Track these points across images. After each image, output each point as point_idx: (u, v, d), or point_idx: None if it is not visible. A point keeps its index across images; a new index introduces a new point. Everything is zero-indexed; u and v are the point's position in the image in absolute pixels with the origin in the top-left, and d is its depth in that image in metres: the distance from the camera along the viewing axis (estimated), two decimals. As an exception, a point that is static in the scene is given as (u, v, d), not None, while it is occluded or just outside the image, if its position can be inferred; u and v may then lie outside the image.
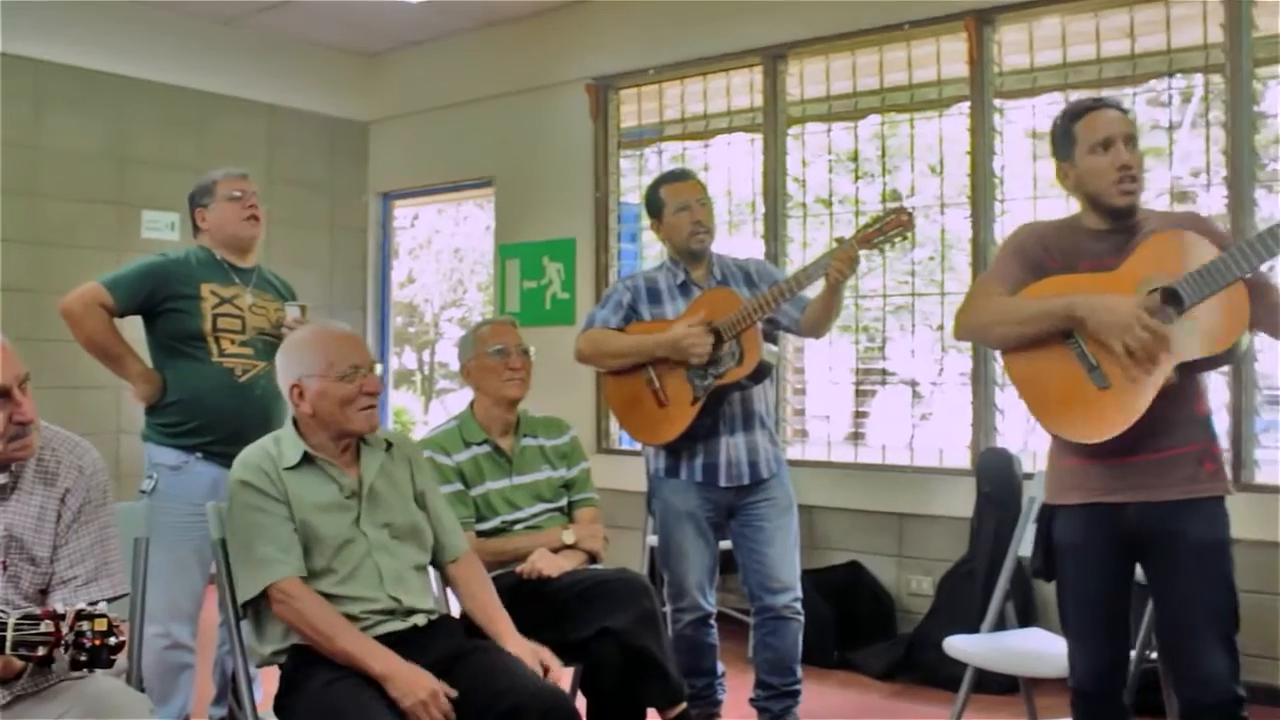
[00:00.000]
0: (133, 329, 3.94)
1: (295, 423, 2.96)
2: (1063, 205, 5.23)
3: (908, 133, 5.77)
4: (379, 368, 3.08)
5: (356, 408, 2.91)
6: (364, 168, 8.04)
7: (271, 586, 2.75)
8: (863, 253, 3.70)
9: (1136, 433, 2.71)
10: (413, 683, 2.67)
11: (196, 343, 3.85)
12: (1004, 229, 5.34)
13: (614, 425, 6.53)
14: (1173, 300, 2.70)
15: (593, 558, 3.46)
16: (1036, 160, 5.29)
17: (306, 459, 2.89)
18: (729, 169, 6.32)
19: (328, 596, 2.78)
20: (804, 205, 6.06)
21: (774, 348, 3.97)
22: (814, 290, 3.91)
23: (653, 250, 6.63)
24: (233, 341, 3.88)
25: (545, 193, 6.94)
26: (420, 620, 2.88)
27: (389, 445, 3.06)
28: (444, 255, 15.94)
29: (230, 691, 2.93)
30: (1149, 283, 2.74)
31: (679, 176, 4.19)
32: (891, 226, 3.67)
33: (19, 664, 2.18)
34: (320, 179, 7.76)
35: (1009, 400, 5.34)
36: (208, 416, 3.81)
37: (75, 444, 2.58)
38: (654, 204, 4.07)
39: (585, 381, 6.37)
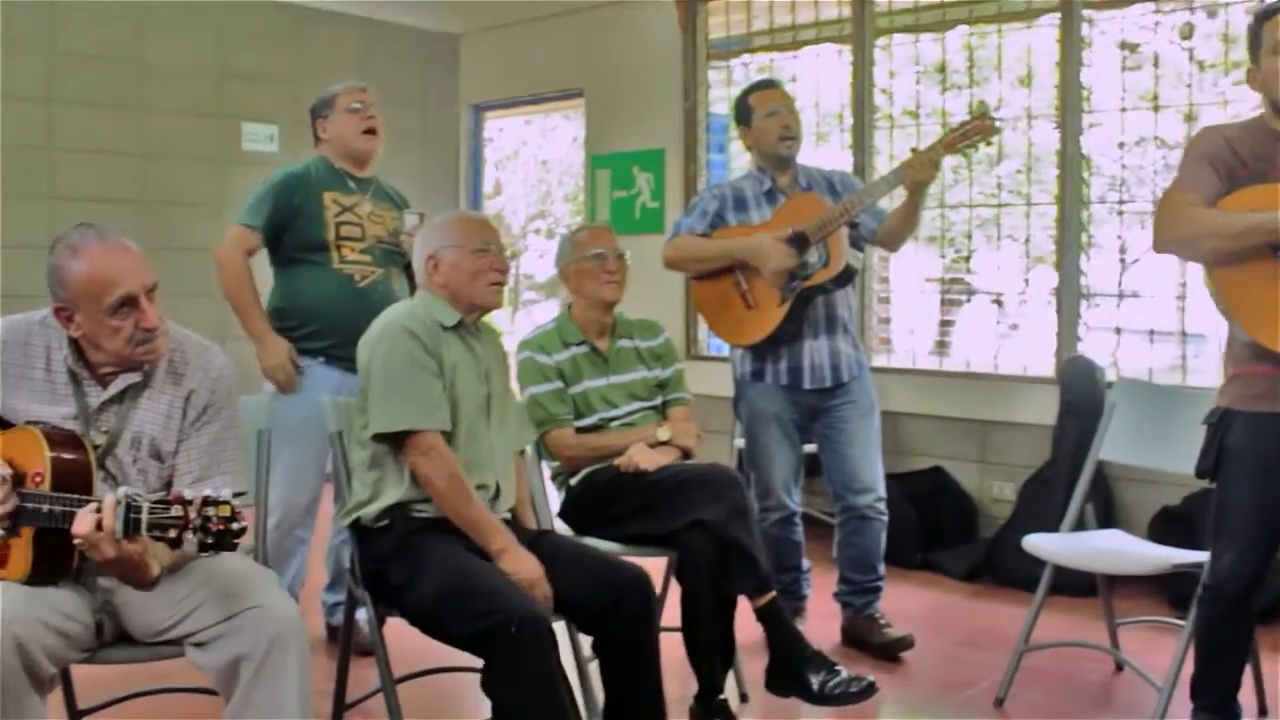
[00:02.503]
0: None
1: None
2: (1150, 116, 5.25)
3: (996, 44, 5.73)
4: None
5: (485, 281, 3.07)
6: (455, 80, 8.13)
7: (418, 436, 2.88)
8: (949, 164, 3.76)
9: None
10: (525, 562, 2.85)
11: (319, 251, 3.98)
12: (1092, 142, 5.33)
13: (702, 332, 6.64)
14: None
15: (686, 454, 3.58)
16: (1126, 72, 5.26)
17: (460, 324, 3.05)
18: (816, 81, 6.34)
19: None
20: (891, 117, 6.06)
21: (859, 253, 4.04)
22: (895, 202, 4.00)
23: (740, 161, 6.68)
24: (353, 249, 4.00)
25: (635, 104, 7.00)
26: (506, 513, 3.07)
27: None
28: (530, 167, 16.01)
29: (350, 572, 3.09)
30: None
31: (767, 85, 4.27)
32: (975, 131, 3.71)
33: (157, 569, 2.35)
34: (412, 92, 7.88)
35: (1095, 314, 5.37)
36: (327, 321, 3.94)
37: (205, 348, 2.73)
38: (743, 111, 4.15)
39: (674, 289, 6.48)
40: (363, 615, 3.03)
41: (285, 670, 2.37)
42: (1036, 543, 3.63)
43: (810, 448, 4.30)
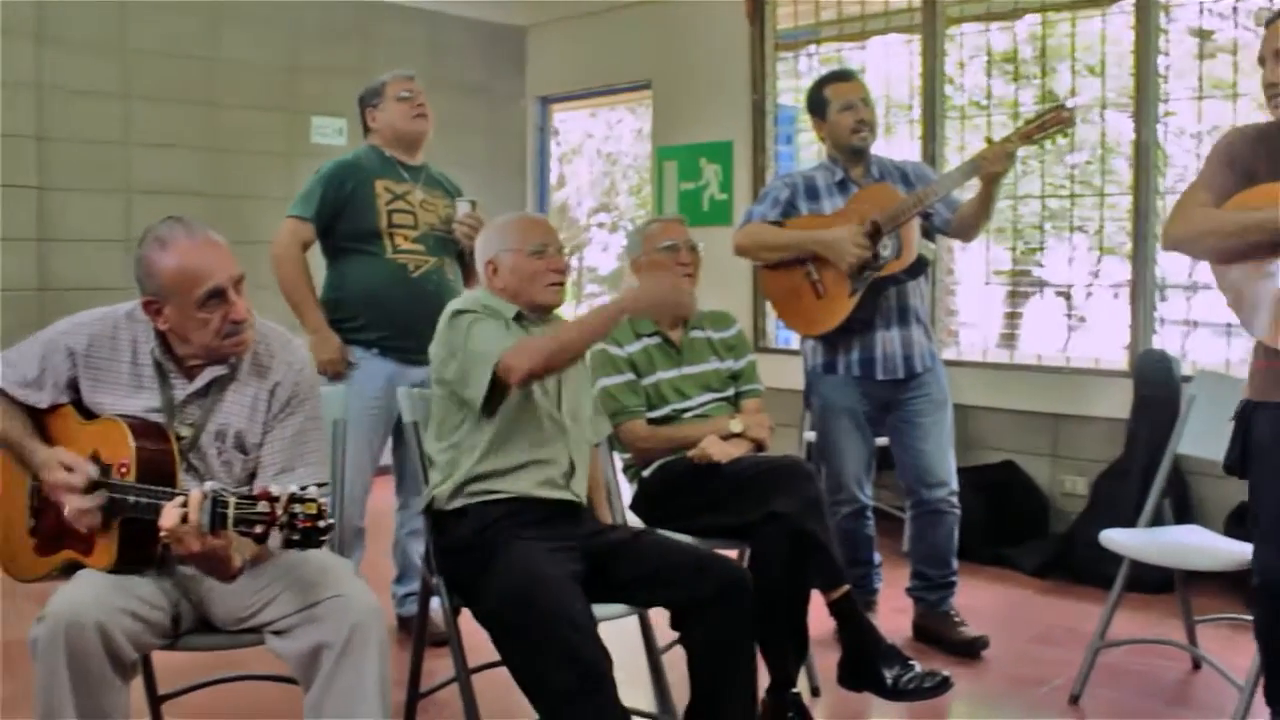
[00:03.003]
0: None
1: None
2: (1228, 105, 5.15)
3: (1067, 32, 5.66)
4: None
5: (544, 282, 3.08)
6: (522, 72, 8.16)
7: (502, 365, 2.82)
8: (1021, 154, 3.72)
9: None
10: None
11: (372, 240, 3.99)
12: (1168, 131, 5.25)
13: (770, 324, 6.63)
14: None
15: (759, 446, 3.57)
16: (1202, 60, 5.16)
17: (518, 317, 3.05)
18: (885, 71, 6.29)
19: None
20: (961, 108, 6.00)
21: (931, 244, 4.01)
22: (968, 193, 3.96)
23: (808, 153, 6.66)
24: (406, 238, 4.01)
25: (702, 95, 6.98)
26: (581, 495, 3.07)
27: None
28: (594, 159, 16.02)
29: (425, 560, 3.11)
30: None
31: (843, 76, 4.23)
32: (1052, 123, 3.67)
33: (236, 539, 2.36)
34: (479, 83, 7.91)
35: (1168, 307, 5.29)
36: (381, 312, 3.96)
37: (288, 340, 2.77)
38: (817, 103, 4.12)
39: (742, 281, 6.48)
40: (436, 604, 3.04)
41: (366, 659, 2.39)
42: (1114, 538, 3.59)
43: (881, 441, 4.26)
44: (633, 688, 3.31)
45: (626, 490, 3.57)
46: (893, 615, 4.33)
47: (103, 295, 2.91)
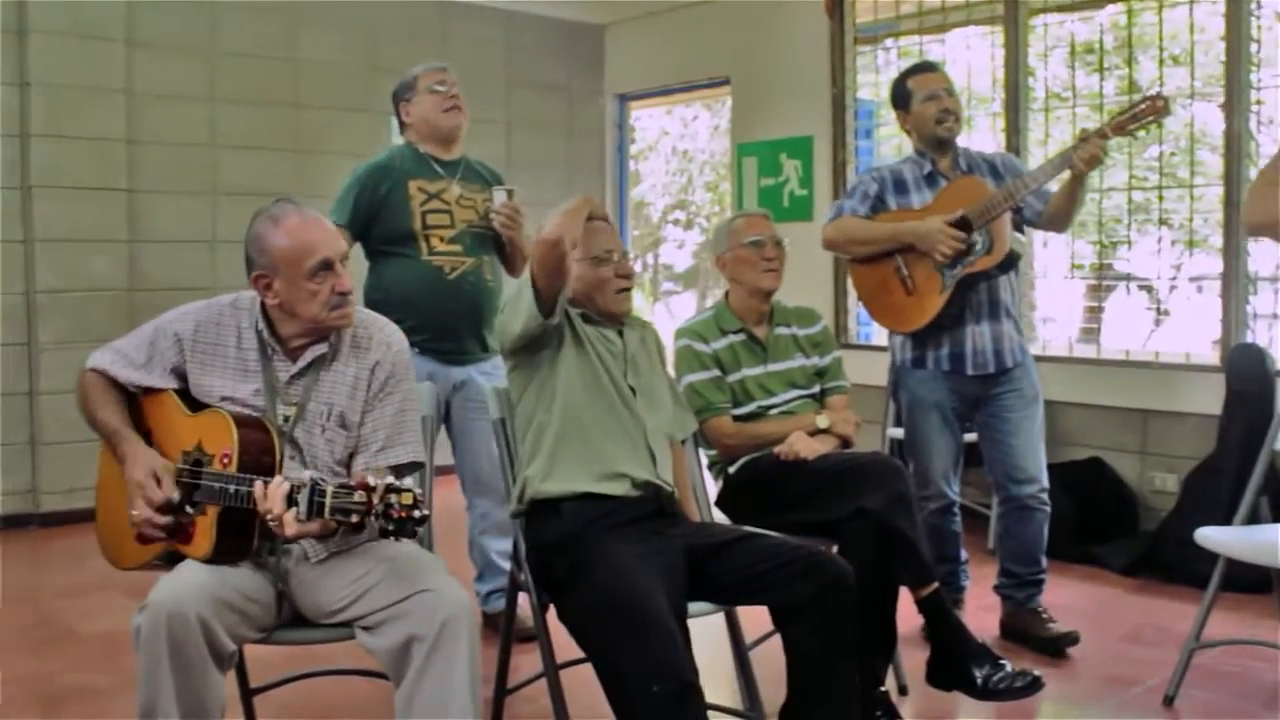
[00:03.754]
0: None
1: None
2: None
3: (1152, 20, 5.55)
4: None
5: (612, 290, 3.08)
6: (600, 70, 8.18)
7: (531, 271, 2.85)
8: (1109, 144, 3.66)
9: None
10: None
11: (407, 243, 3.99)
12: (1259, 120, 5.13)
13: (853, 320, 6.59)
14: None
15: (845, 442, 3.54)
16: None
17: (585, 318, 3.06)
18: (966, 64, 6.22)
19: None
20: (1045, 100, 5.92)
21: (1022, 237, 3.95)
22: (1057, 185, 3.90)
23: (887, 146, 6.61)
24: (441, 239, 4.00)
25: (781, 91, 6.95)
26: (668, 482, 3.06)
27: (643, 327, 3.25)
28: (669, 157, 16.03)
29: (513, 556, 3.12)
30: None
31: (926, 67, 4.18)
32: (1146, 112, 3.60)
33: (334, 525, 2.40)
34: (557, 82, 7.94)
35: (1259, 300, 5.17)
36: (419, 315, 3.90)
37: (384, 323, 2.83)
38: (900, 95, 4.07)
39: (824, 277, 6.45)
40: (523, 599, 3.05)
41: (456, 653, 2.40)
42: (1210, 536, 3.51)
43: (968, 436, 4.21)
44: (719, 685, 3.32)
45: (712, 487, 3.56)
46: (979, 613, 4.27)
47: (190, 295, 2.97)
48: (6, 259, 5.96)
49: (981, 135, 6.17)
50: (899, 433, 5.20)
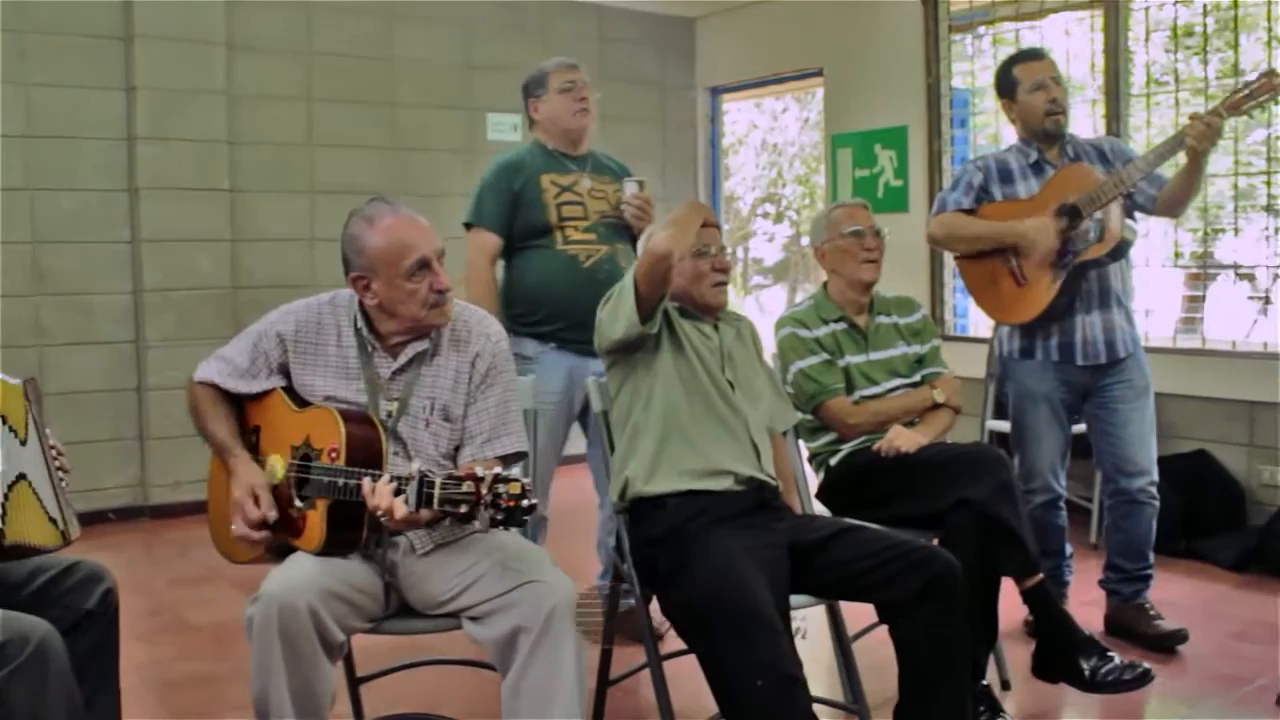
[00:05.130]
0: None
1: None
2: None
3: (1256, 0, 5.41)
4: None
5: (708, 283, 3.08)
6: (692, 63, 8.17)
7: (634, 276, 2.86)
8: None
9: None
10: None
11: (544, 235, 3.99)
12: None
13: (949, 311, 6.52)
14: None
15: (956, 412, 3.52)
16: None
17: (682, 312, 3.07)
18: (1063, 49, 6.11)
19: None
20: (1145, 85, 5.80)
21: (1133, 224, 3.86)
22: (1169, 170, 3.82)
23: (982, 135, 6.52)
24: (576, 229, 4.00)
25: (875, 81, 6.89)
26: (769, 475, 3.05)
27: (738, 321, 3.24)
28: (758, 150, 15.98)
29: (616, 549, 3.12)
30: None
31: (1033, 55, 4.09)
32: (1262, 90, 3.50)
33: (441, 516, 2.44)
34: (650, 76, 7.95)
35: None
36: (555, 305, 3.94)
37: (482, 316, 2.85)
38: (1006, 84, 4.00)
39: (920, 267, 6.39)
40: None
41: (563, 644, 2.42)
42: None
43: (1077, 428, 4.14)
44: (820, 677, 3.31)
45: (812, 479, 3.55)
46: (1083, 608, 4.19)
47: (291, 291, 3.03)
48: (115, 259, 6.12)
49: (1079, 122, 6.06)
50: (998, 425, 5.15)
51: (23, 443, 2.38)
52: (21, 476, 2.35)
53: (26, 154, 5.88)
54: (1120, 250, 3.78)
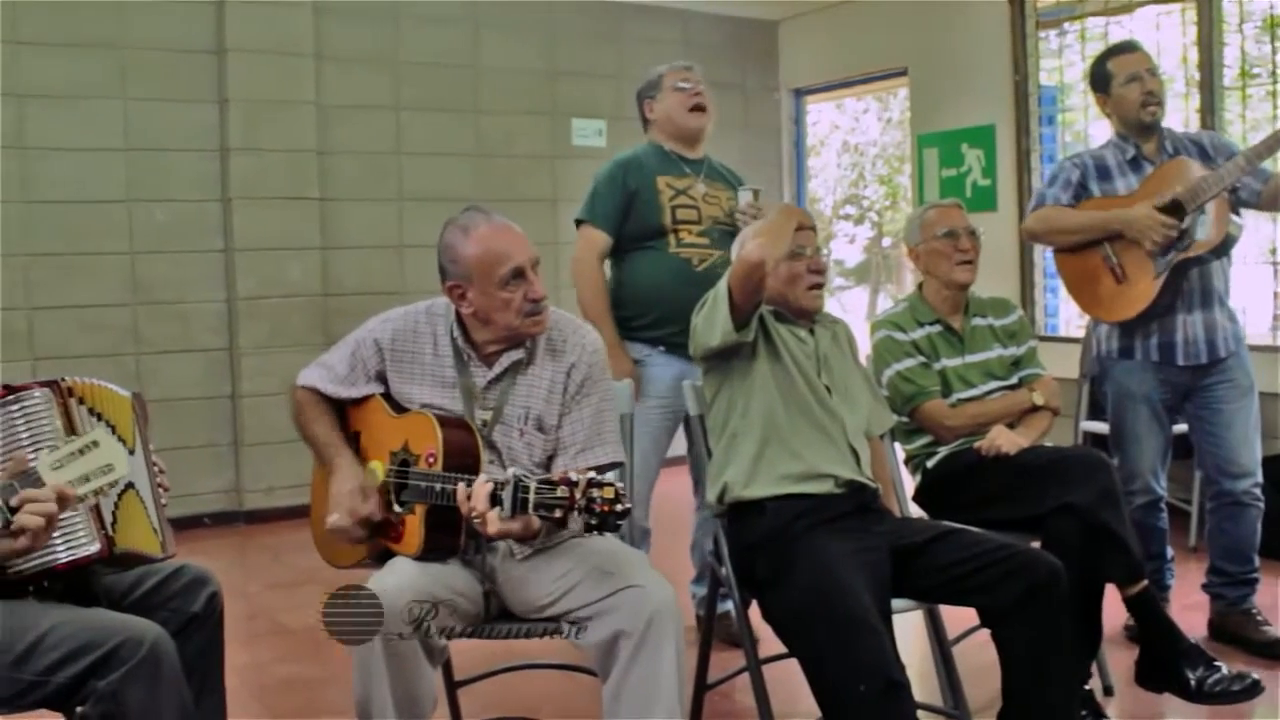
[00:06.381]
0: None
1: None
2: None
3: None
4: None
5: (804, 285, 3.06)
6: (775, 66, 8.14)
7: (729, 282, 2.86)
8: None
9: None
10: None
11: (657, 237, 3.98)
12: None
13: (1040, 311, 6.43)
14: None
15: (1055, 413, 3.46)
16: None
17: (777, 316, 3.06)
18: (1156, 43, 5.99)
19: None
20: (1239, 77, 5.67)
21: (1239, 220, 3.77)
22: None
23: (1070, 133, 6.43)
24: (690, 232, 3.99)
25: (961, 79, 6.82)
26: (869, 477, 3.03)
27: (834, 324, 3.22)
28: (839, 151, 15.90)
29: (714, 553, 3.11)
30: None
31: (1127, 47, 4.01)
32: None
33: (538, 523, 2.43)
34: (732, 79, 7.92)
35: None
36: (666, 309, 3.91)
37: (579, 325, 2.85)
38: (1100, 78, 3.93)
39: (1010, 268, 6.31)
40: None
41: (663, 648, 2.41)
42: None
43: (1179, 428, 4.05)
44: (919, 682, 3.26)
45: (908, 481, 3.51)
46: (1184, 613, 4.10)
47: (380, 298, 3.05)
48: (209, 268, 6.23)
49: (1170, 117, 5.93)
50: (1093, 426, 5.06)
51: (131, 452, 2.43)
52: (130, 485, 2.39)
53: (125, 167, 6.02)
54: (1225, 247, 3.69)
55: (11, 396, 2.24)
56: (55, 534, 2.13)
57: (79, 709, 2.10)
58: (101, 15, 5.93)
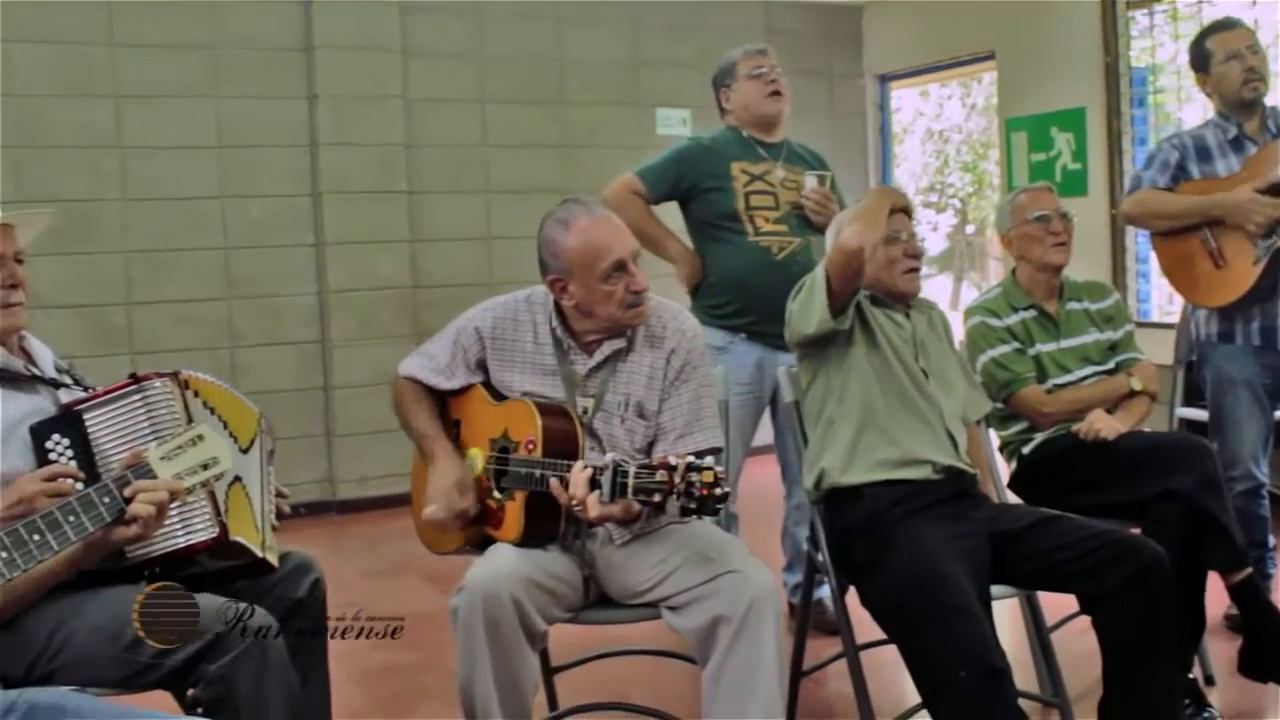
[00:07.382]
0: (672, 217, 4.18)
1: None
2: None
3: None
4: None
5: (900, 269, 3.06)
6: (859, 51, 8.09)
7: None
8: None
9: None
10: None
11: (732, 223, 3.97)
12: None
13: (1132, 296, 6.32)
14: None
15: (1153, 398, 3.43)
16: None
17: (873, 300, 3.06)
18: (1254, 20, 5.86)
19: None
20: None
21: None
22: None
23: (1160, 114, 6.31)
24: (767, 219, 3.97)
25: (1050, 62, 6.70)
26: (966, 463, 3.01)
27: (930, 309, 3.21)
28: (923, 138, 15.76)
29: (811, 539, 3.11)
30: None
31: (1227, 25, 3.93)
32: None
33: (637, 507, 2.46)
34: (817, 66, 7.87)
35: None
36: (747, 297, 3.92)
37: (677, 311, 2.86)
38: (1199, 56, 3.85)
39: (1102, 253, 6.21)
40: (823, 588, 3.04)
41: (763, 634, 2.42)
42: None
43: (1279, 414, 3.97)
44: (1017, 669, 3.24)
45: (1003, 467, 3.48)
46: (1288, 602, 4.04)
47: (468, 290, 3.09)
48: (301, 262, 6.35)
49: (1274, 94, 5.81)
50: (1189, 412, 4.96)
51: (243, 450, 2.49)
52: (237, 478, 2.44)
53: (218, 164, 6.14)
54: None
55: (134, 385, 2.32)
56: (175, 519, 2.20)
57: (190, 691, 2.17)
58: (195, 16, 6.06)
